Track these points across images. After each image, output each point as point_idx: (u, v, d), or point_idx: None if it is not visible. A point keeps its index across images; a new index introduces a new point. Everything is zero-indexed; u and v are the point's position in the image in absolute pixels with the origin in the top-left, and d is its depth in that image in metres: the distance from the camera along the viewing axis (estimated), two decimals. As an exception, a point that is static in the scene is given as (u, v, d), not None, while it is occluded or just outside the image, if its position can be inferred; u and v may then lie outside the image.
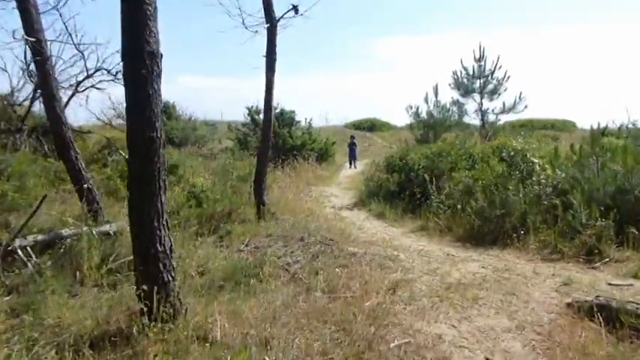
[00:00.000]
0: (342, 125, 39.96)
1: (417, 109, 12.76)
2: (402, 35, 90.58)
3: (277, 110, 15.86)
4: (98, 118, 27.45)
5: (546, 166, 6.98)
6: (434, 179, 8.51)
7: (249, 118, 16.12)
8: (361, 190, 10.92)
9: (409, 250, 6.20)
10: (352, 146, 20.25)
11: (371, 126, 39.44)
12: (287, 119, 15.83)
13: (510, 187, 6.90)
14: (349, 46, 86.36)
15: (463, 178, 7.69)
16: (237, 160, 11.83)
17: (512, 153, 7.49)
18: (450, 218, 7.40)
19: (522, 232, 6.32)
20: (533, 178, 7.16)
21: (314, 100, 70.15)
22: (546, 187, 6.83)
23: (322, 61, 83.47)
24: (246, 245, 6.49)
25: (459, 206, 7.34)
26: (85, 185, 6.49)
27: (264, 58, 7.60)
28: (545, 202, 6.69)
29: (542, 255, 5.92)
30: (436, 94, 12.90)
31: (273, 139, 15.78)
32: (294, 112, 16.06)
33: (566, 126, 35.02)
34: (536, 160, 7.03)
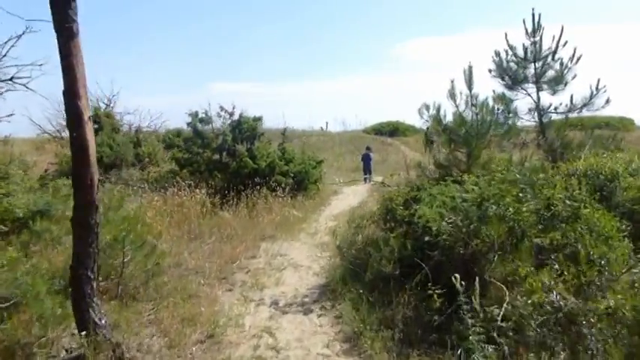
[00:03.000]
0: (361, 130, 36.42)
1: (438, 110, 7.79)
2: (427, 36, 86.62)
3: (234, 117, 11.50)
4: (45, 132, 23.73)
5: None
6: (473, 265, 3.96)
7: (190, 129, 11.68)
8: (335, 260, 6.32)
9: None
10: (367, 158, 18.71)
11: (393, 130, 36.23)
12: (247, 130, 11.23)
13: None
14: (374, 49, 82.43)
15: (544, 282, 3.10)
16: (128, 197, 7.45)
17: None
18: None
19: None
20: None
21: (335, 104, 66.25)
22: None
23: (346, 65, 79.45)
24: None
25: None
26: None
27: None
28: None
29: None
30: (470, 86, 8.16)
31: (229, 159, 11.58)
32: (259, 119, 11.48)
33: (623, 124, 31.01)
34: None
